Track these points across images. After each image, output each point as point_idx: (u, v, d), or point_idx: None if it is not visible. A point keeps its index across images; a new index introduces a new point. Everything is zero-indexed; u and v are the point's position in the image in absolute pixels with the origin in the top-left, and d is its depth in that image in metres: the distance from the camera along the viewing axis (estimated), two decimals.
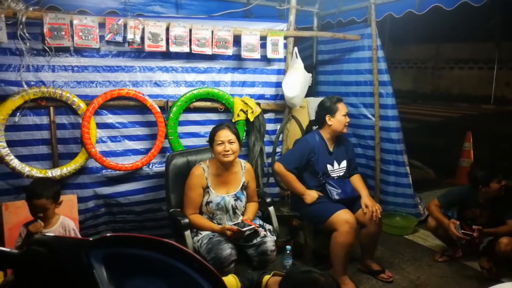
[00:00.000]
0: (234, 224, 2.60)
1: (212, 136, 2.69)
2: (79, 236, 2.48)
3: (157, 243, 0.88)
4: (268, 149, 3.65)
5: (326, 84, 4.64)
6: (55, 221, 2.40)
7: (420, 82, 18.52)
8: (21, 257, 0.86)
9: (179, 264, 0.86)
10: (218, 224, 2.66)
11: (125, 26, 3.01)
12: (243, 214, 2.75)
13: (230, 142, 2.64)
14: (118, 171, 3.16)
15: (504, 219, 3.04)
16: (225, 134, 2.64)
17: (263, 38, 3.44)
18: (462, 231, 3.03)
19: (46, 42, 2.84)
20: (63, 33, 2.86)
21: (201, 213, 2.71)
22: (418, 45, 19.55)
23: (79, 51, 3.03)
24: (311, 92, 4.59)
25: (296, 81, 3.47)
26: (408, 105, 14.25)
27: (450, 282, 3.07)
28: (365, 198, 3.02)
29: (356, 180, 3.18)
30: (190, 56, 3.30)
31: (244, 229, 2.49)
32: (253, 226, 2.56)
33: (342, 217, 2.81)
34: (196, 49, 3.21)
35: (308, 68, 4.82)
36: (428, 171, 5.67)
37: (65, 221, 2.44)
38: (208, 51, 3.24)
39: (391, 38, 13.45)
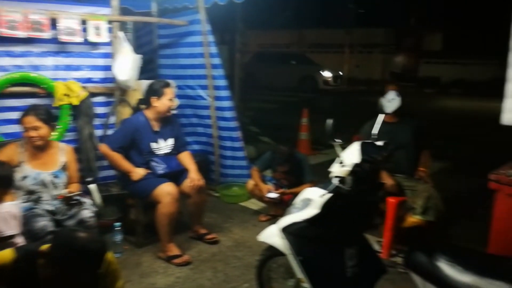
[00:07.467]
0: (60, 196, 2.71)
1: (20, 121, 2.70)
2: None
3: None
4: (101, 132, 3.70)
5: (167, 68, 4.81)
6: None
7: None
8: None
9: None
10: (37, 199, 2.71)
11: None
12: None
13: (34, 128, 2.66)
14: None
15: (303, 181, 3.64)
16: (29, 121, 2.66)
17: (86, 22, 3.44)
18: (269, 193, 3.54)
19: None
20: None
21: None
22: (281, 30, 20.94)
23: None
24: (153, 75, 4.73)
25: (126, 64, 3.57)
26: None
27: None
28: (192, 173, 3.29)
29: (185, 157, 3.43)
30: (3, 39, 3.16)
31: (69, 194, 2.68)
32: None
33: (165, 189, 3.05)
34: (6, 32, 3.08)
35: (150, 52, 4.93)
36: (277, 146, 6.28)
37: None
38: (20, 34, 3.14)
39: (252, 23, 14.08)
